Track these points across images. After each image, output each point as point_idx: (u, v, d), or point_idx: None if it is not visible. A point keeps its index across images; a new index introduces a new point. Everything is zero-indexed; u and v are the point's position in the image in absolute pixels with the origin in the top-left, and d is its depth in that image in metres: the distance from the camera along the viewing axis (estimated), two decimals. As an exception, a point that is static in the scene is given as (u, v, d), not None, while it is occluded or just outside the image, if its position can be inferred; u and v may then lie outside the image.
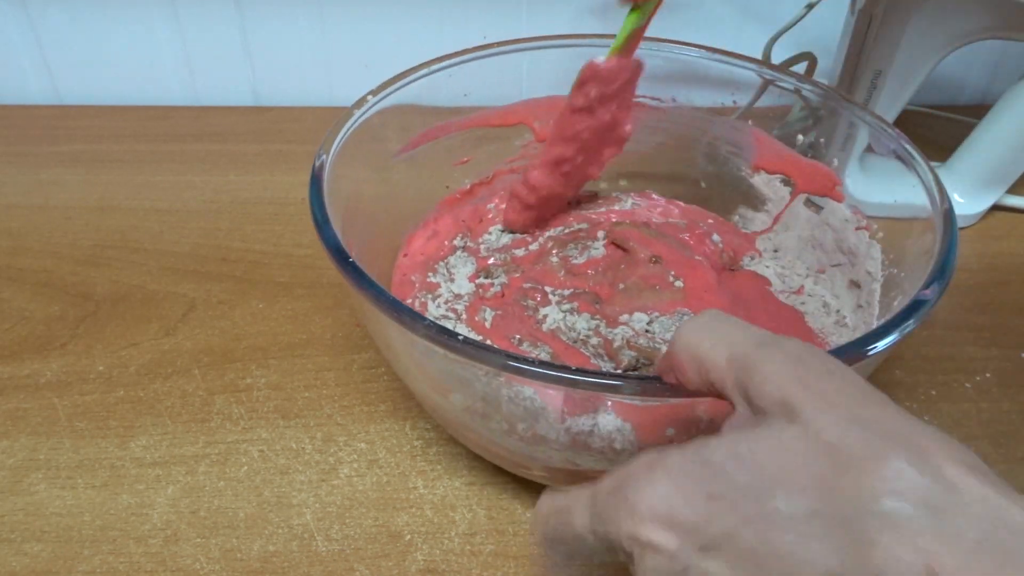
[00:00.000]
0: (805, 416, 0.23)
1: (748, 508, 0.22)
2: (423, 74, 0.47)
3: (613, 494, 0.25)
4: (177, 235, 0.58)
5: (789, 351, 0.25)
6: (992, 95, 0.70)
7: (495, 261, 0.49)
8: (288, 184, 0.64)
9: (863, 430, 0.22)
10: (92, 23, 0.71)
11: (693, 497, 0.23)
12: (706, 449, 0.24)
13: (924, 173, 0.41)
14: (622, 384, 0.30)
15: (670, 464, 0.24)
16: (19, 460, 0.43)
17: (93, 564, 0.38)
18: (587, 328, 0.43)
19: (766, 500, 0.22)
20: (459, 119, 0.49)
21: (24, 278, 0.55)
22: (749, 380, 0.25)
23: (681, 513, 0.24)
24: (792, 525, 0.22)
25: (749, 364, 0.25)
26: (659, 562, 0.24)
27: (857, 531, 0.21)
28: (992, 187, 0.59)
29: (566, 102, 0.45)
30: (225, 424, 0.45)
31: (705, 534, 0.23)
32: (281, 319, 0.52)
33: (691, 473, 0.24)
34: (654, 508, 0.24)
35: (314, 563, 0.38)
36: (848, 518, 0.21)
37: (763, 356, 0.25)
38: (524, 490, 0.42)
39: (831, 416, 0.23)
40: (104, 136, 0.70)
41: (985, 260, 0.58)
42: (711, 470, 0.24)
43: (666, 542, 0.24)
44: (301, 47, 0.72)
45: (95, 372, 0.48)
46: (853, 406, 0.23)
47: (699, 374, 0.27)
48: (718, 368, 0.26)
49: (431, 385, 0.37)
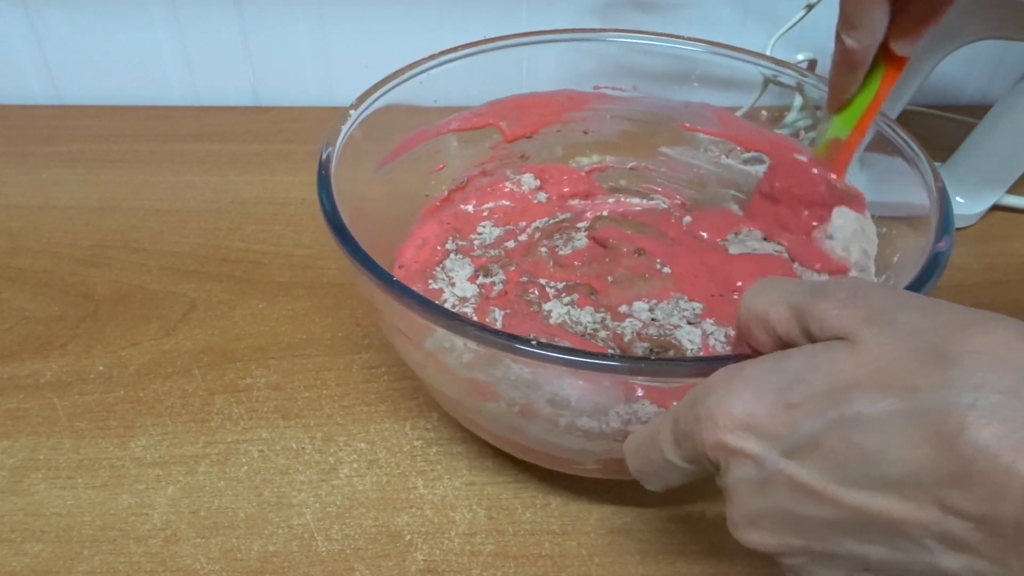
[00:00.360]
0: (870, 331, 0.24)
1: (829, 412, 0.23)
2: (416, 72, 0.47)
3: (693, 407, 0.26)
4: (177, 235, 0.58)
5: (842, 286, 0.26)
6: (992, 95, 0.70)
7: (491, 257, 0.49)
8: (288, 184, 0.64)
9: (930, 334, 0.23)
10: (92, 23, 0.71)
11: (774, 404, 0.24)
12: (784, 360, 0.25)
13: (925, 170, 0.41)
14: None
15: (748, 374, 0.25)
16: (19, 460, 0.43)
17: (93, 564, 0.38)
18: (592, 321, 0.43)
19: (846, 404, 0.23)
20: (431, 127, 0.49)
21: (24, 278, 0.55)
22: (811, 320, 0.25)
23: (764, 420, 0.24)
24: (875, 426, 0.22)
25: (808, 307, 0.26)
26: (746, 469, 0.25)
27: (942, 425, 0.21)
28: (992, 187, 0.59)
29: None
30: (225, 424, 0.45)
31: (789, 439, 0.24)
32: (281, 319, 0.52)
33: (770, 382, 0.25)
34: (736, 416, 0.25)
35: (314, 563, 0.38)
36: (931, 414, 0.21)
37: (819, 297, 0.26)
38: (524, 490, 0.42)
39: (896, 329, 0.23)
40: (104, 136, 0.70)
41: (985, 260, 0.58)
42: (789, 378, 0.24)
43: (751, 448, 0.25)
44: (301, 47, 0.72)
45: (95, 372, 0.48)
46: (915, 316, 0.24)
47: (767, 333, 0.27)
48: (783, 321, 0.27)
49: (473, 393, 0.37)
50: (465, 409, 0.39)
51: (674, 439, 0.28)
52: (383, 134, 0.46)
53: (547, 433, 0.36)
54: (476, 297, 0.46)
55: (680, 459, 0.28)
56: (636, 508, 0.41)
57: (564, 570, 0.38)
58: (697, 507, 0.41)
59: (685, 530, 0.40)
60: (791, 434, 0.24)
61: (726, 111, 0.51)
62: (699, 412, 0.26)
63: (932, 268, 0.35)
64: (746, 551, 0.37)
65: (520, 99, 0.50)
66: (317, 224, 0.59)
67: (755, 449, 0.25)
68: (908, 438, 0.22)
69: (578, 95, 0.52)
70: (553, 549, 0.39)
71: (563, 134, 0.53)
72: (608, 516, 0.41)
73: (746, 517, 0.26)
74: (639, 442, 0.30)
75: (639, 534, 0.40)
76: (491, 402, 0.36)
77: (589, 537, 0.40)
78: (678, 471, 0.29)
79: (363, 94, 0.44)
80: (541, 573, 0.38)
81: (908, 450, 0.22)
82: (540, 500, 0.41)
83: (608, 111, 0.53)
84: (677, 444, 0.28)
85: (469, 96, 0.50)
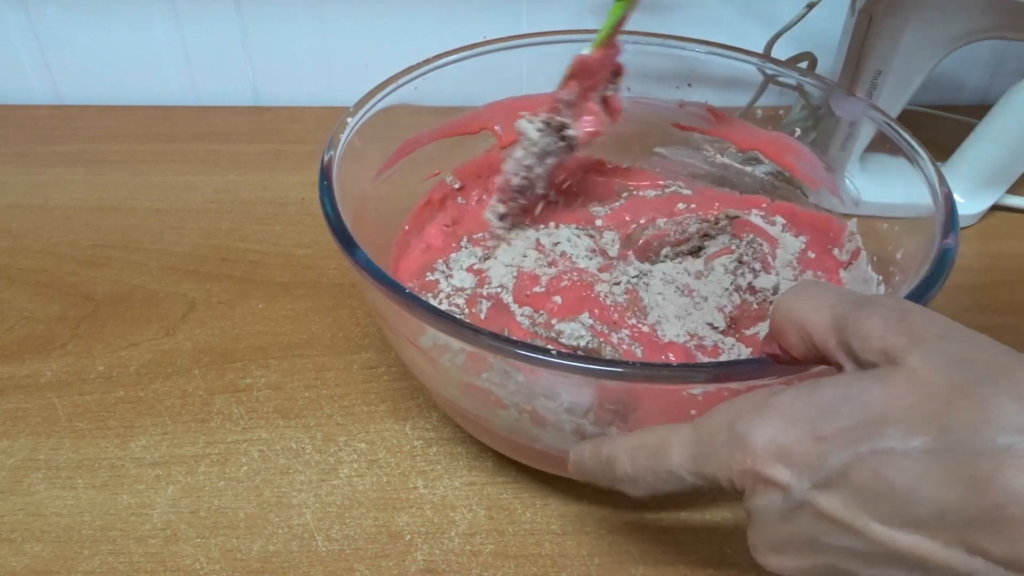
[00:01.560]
0: (912, 361, 0.23)
1: (861, 446, 0.23)
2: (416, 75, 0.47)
3: (722, 432, 0.26)
4: (177, 235, 0.58)
5: (888, 305, 0.25)
6: (992, 95, 0.70)
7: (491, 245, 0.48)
8: (288, 184, 0.64)
9: (971, 369, 0.23)
10: (92, 23, 0.71)
11: (806, 435, 0.24)
12: (818, 390, 0.25)
13: (927, 168, 0.41)
14: (742, 370, 0.30)
15: (782, 403, 0.25)
16: (19, 460, 0.43)
17: (93, 564, 0.38)
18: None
19: (879, 438, 0.23)
20: (426, 132, 0.49)
21: (24, 278, 0.55)
22: (852, 337, 0.25)
23: (795, 450, 0.24)
24: (906, 462, 0.22)
25: (851, 323, 0.25)
26: (773, 498, 0.25)
27: (974, 467, 0.21)
28: (992, 187, 0.59)
29: (553, 95, 0.45)
30: (225, 424, 0.45)
31: (819, 471, 0.24)
32: (281, 319, 0.52)
33: (804, 412, 0.25)
34: (768, 445, 0.25)
35: (314, 563, 0.38)
36: (964, 455, 0.21)
37: (864, 313, 0.25)
38: (524, 490, 0.42)
39: (938, 358, 0.23)
40: (104, 136, 0.69)
41: (985, 260, 0.58)
42: (823, 409, 0.24)
43: (780, 477, 0.25)
44: (301, 47, 0.72)
45: (95, 372, 0.48)
46: (958, 348, 0.24)
47: (802, 339, 0.27)
48: (820, 331, 0.27)
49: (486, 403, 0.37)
50: (464, 411, 0.39)
51: (692, 455, 0.27)
52: (384, 135, 0.46)
53: (552, 438, 0.36)
54: (472, 288, 0.46)
55: (692, 474, 0.27)
56: (636, 509, 0.41)
57: (564, 570, 0.38)
58: (697, 508, 0.41)
59: (685, 530, 0.40)
60: (821, 466, 0.24)
61: (721, 110, 0.51)
62: (728, 437, 0.26)
63: (942, 264, 0.35)
64: (746, 552, 0.37)
65: (514, 102, 0.50)
66: (317, 224, 0.60)
67: (784, 479, 0.24)
68: (940, 477, 0.22)
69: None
70: (553, 549, 0.39)
71: None
72: (608, 516, 0.41)
73: (769, 543, 0.26)
74: (636, 448, 0.29)
75: (639, 535, 0.40)
76: (497, 408, 0.36)
77: (589, 537, 0.40)
78: (678, 483, 0.28)
79: (363, 97, 0.44)
80: (541, 573, 0.38)
81: (939, 489, 0.22)
82: (540, 500, 0.41)
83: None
84: (695, 460, 0.27)
85: (469, 97, 0.50)
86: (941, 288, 0.34)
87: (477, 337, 0.31)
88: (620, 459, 0.30)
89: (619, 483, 0.30)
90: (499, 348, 0.31)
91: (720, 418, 0.27)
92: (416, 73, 0.46)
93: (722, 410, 0.27)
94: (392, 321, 0.37)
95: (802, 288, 0.28)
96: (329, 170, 0.40)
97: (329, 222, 0.37)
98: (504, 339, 0.32)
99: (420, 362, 0.38)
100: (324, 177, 0.39)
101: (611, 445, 0.31)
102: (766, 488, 0.25)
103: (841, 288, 0.28)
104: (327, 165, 0.40)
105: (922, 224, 0.39)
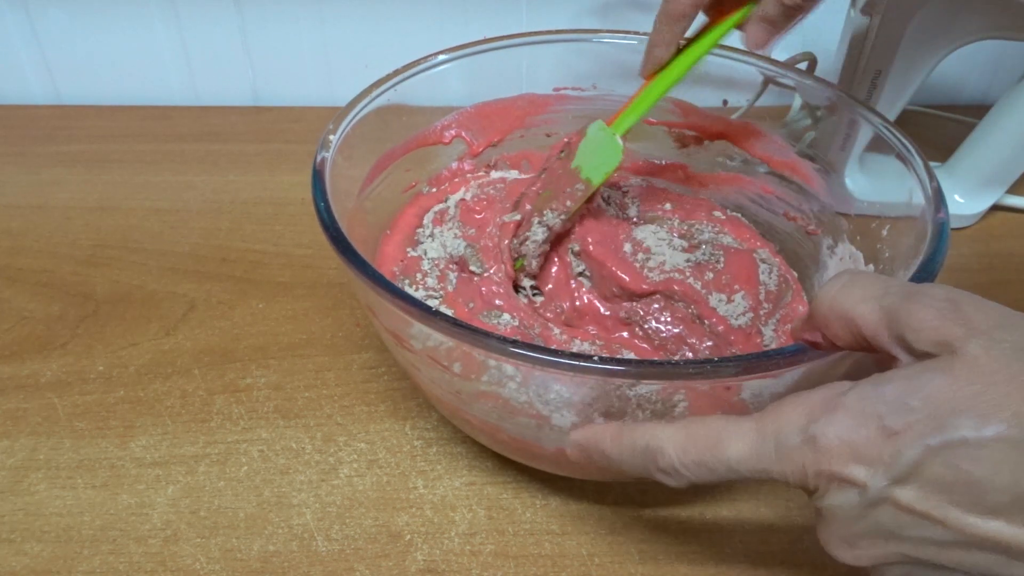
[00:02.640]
0: (971, 349, 0.24)
1: (933, 438, 0.23)
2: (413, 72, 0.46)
3: (794, 434, 0.26)
4: (177, 235, 0.58)
5: (939, 295, 0.25)
6: (992, 95, 0.70)
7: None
8: (288, 184, 0.64)
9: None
10: (92, 23, 0.71)
11: (878, 432, 0.24)
12: (882, 385, 0.25)
13: (920, 171, 0.41)
14: (780, 359, 0.30)
15: (850, 401, 0.25)
16: (19, 460, 0.43)
17: (93, 564, 0.38)
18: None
19: (951, 429, 0.23)
20: (399, 145, 0.48)
21: (24, 278, 0.55)
22: (906, 328, 0.25)
23: (868, 448, 0.24)
24: (981, 452, 0.22)
25: (903, 315, 0.25)
26: (849, 495, 0.25)
27: None
28: (992, 187, 0.59)
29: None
30: (225, 424, 0.45)
31: (893, 467, 0.24)
32: (281, 319, 0.52)
33: (873, 408, 0.25)
34: (842, 446, 0.25)
35: (314, 563, 0.38)
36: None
37: (915, 305, 0.25)
38: (524, 490, 0.42)
39: (1000, 347, 0.23)
40: (104, 136, 0.70)
41: (985, 260, 0.58)
42: (890, 404, 0.24)
43: (856, 476, 0.25)
44: (301, 47, 0.72)
45: (95, 372, 0.48)
46: (1018, 336, 0.24)
47: (850, 331, 0.27)
48: (870, 324, 0.26)
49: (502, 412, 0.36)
50: (458, 410, 0.39)
51: (756, 453, 0.27)
52: (382, 135, 0.46)
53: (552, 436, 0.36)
54: (443, 260, 0.45)
55: (753, 471, 0.27)
56: (636, 508, 0.41)
57: (564, 570, 0.38)
58: (697, 507, 0.41)
59: (685, 530, 0.40)
60: (895, 461, 0.24)
61: (686, 102, 0.51)
62: (801, 439, 0.26)
63: (939, 237, 0.35)
64: (746, 551, 0.37)
65: (482, 107, 0.50)
66: (317, 224, 0.60)
67: (860, 477, 0.25)
68: (1016, 464, 0.22)
69: (538, 98, 0.52)
70: (553, 549, 0.39)
71: (527, 139, 0.53)
72: (608, 516, 0.41)
73: (844, 538, 0.26)
74: (688, 441, 0.28)
75: (639, 534, 0.40)
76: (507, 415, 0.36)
77: (589, 537, 0.40)
78: (731, 477, 0.28)
79: (357, 96, 0.44)
80: (541, 573, 0.38)
81: (1015, 476, 0.22)
82: (540, 500, 0.41)
83: (569, 112, 0.52)
84: (759, 458, 0.27)
85: (469, 96, 0.50)
86: (943, 263, 0.35)
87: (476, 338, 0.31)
88: (665, 451, 0.29)
89: (659, 474, 0.30)
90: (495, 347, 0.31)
91: (789, 418, 0.26)
92: (408, 73, 0.46)
93: (789, 408, 0.26)
94: (387, 322, 0.37)
95: (847, 279, 0.28)
96: (322, 171, 0.40)
97: (322, 223, 0.37)
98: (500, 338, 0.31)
99: (414, 361, 0.38)
100: (317, 178, 0.39)
101: (651, 434, 0.29)
102: (841, 487, 0.25)
103: (887, 278, 0.28)
104: (320, 166, 0.40)
105: (915, 223, 0.40)
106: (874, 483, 0.24)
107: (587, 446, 0.32)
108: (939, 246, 0.36)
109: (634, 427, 0.30)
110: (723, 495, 0.42)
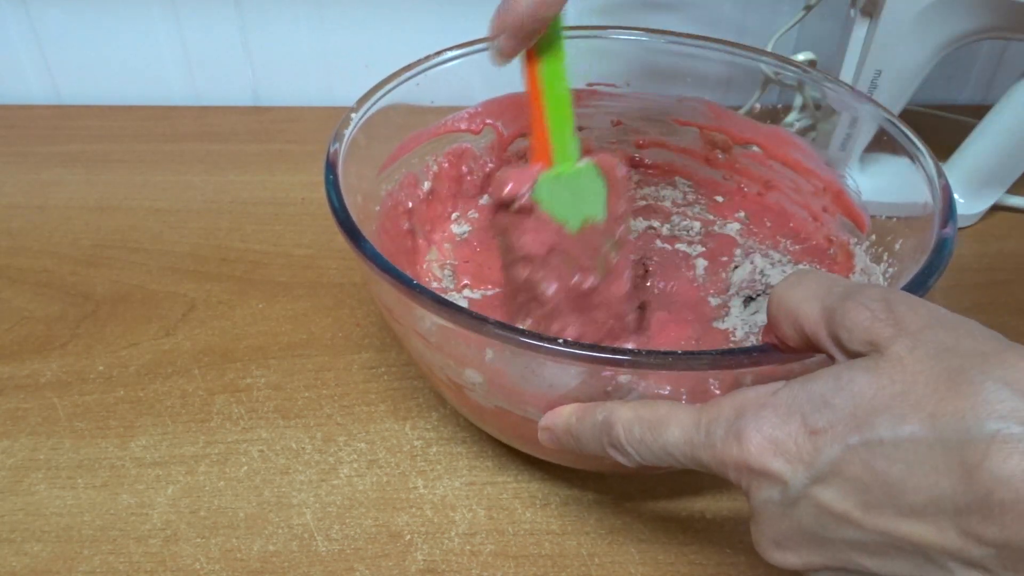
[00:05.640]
0: (897, 349, 0.24)
1: (852, 437, 0.23)
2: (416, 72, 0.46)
3: (723, 425, 0.26)
4: (177, 235, 0.58)
5: (874, 296, 0.25)
6: (992, 95, 0.70)
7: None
8: (288, 184, 0.64)
9: (958, 356, 0.23)
10: (92, 23, 0.71)
11: (800, 429, 0.25)
12: (809, 383, 0.25)
13: (927, 164, 0.41)
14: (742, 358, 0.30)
15: (778, 399, 0.26)
16: (19, 460, 0.43)
17: (93, 564, 0.38)
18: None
19: (869, 429, 0.23)
20: (427, 128, 0.48)
21: (24, 278, 0.55)
22: (840, 328, 0.25)
23: (790, 445, 0.25)
24: (896, 452, 0.23)
25: (839, 314, 0.26)
26: (771, 492, 0.25)
27: (963, 454, 0.21)
28: (992, 187, 0.59)
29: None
30: (225, 424, 0.45)
31: (814, 465, 0.24)
32: (281, 319, 0.52)
33: (798, 405, 0.25)
34: (764, 441, 0.25)
35: (314, 563, 0.38)
36: (953, 442, 0.22)
37: (850, 304, 0.25)
38: (524, 490, 0.42)
39: (925, 347, 0.23)
40: (104, 136, 0.70)
41: (985, 260, 0.58)
42: (815, 402, 0.25)
43: (777, 472, 0.25)
44: (301, 47, 0.72)
45: (95, 372, 0.48)
46: (945, 336, 0.24)
47: (796, 331, 0.28)
48: (811, 322, 0.27)
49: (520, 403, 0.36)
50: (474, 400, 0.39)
51: (690, 439, 0.28)
52: (385, 135, 0.46)
53: None
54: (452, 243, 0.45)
55: (686, 457, 0.28)
56: (636, 507, 0.41)
57: (564, 570, 0.38)
58: (697, 507, 0.41)
59: (685, 530, 0.40)
60: (815, 460, 0.24)
61: (719, 105, 0.51)
62: (727, 430, 0.26)
63: (940, 254, 0.35)
64: (746, 551, 0.37)
65: (515, 97, 0.50)
66: (317, 224, 0.60)
67: (781, 473, 0.25)
68: (930, 466, 0.22)
69: (572, 92, 0.52)
70: (553, 549, 0.39)
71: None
72: (608, 516, 0.41)
73: (771, 538, 0.26)
74: (635, 421, 0.29)
75: (639, 534, 0.40)
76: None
77: (589, 537, 0.40)
78: (670, 462, 0.29)
79: (365, 94, 0.44)
80: (541, 573, 0.38)
81: (931, 477, 0.22)
82: (540, 500, 0.41)
83: (601, 107, 0.53)
84: (692, 445, 0.27)
85: (470, 96, 0.50)
86: (939, 278, 0.34)
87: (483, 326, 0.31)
88: (615, 426, 0.30)
89: (610, 449, 0.30)
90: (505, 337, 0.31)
91: (722, 410, 0.27)
92: (418, 70, 0.46)
93: (726, 401, 0.27)
94: (399, 314, 0.37)
95: (794, 279, 0.28)
96: (335, 163, 0.39)
97: (336, 215, 0.37)
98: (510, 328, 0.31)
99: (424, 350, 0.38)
100: (330, 171, 0.39)
101: (608, 410, 0.30)
102: (764, 483, 0.25)
103: (833, 277, 0.28)
104: (333, 158, 0.40)
105: (921, 221, 0.39)
106: (795, 480, 0.25)
107: (554, 428, 0.33)
108: (938, 259, 0.35)
109: (595, 404, 0.31)
110: (723, 495, 0.42)
